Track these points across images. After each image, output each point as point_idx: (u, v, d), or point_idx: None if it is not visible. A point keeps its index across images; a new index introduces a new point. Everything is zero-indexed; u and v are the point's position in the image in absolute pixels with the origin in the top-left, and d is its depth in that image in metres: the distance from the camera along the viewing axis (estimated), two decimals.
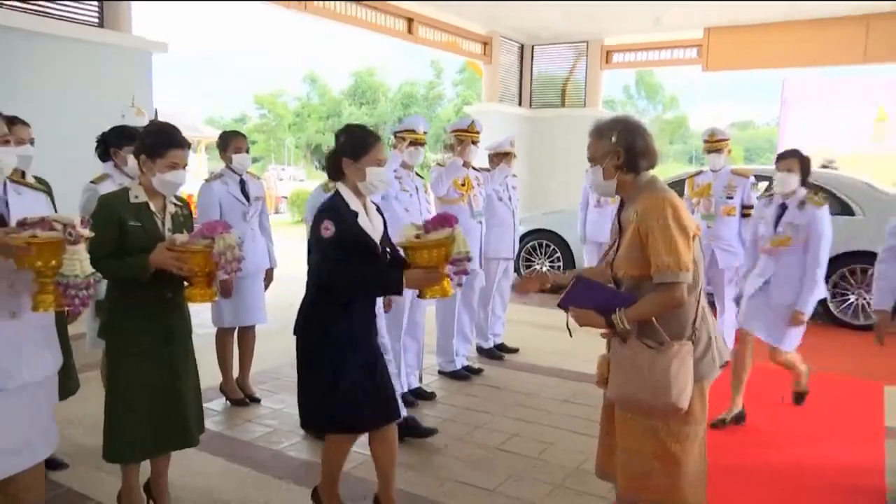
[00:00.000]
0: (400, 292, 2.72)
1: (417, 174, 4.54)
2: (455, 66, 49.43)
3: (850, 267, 6.70)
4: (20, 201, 2.30)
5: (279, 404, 4.44)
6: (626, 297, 2.32)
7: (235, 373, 4.51)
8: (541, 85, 13.54)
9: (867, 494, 3.36)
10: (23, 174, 3.34)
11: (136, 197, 2.71)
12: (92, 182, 3.62)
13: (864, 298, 6.64)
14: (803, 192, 4.08)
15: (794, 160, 4.08)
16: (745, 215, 5.24)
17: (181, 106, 39.42)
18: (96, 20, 6.74)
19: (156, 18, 38.98)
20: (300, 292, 2.84)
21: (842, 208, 6.86)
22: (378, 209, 2.91)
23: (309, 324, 2.76)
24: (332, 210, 2.67)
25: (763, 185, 7.86)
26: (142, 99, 6.73)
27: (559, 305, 2.42)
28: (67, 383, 3.20)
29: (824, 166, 9.11)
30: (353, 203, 2.70)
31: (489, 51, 12.36)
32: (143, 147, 2.72)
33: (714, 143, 5.33)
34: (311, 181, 28.38)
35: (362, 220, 2.72)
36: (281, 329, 3.86)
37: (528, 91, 13.47)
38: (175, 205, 2.85)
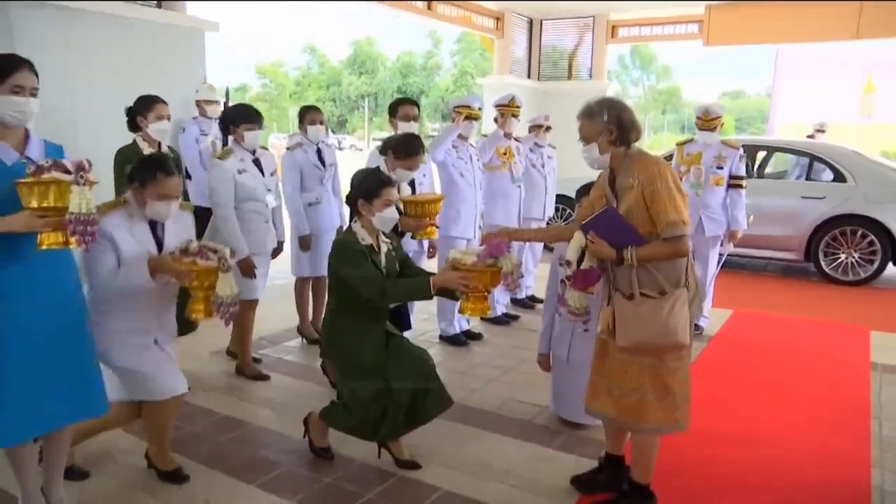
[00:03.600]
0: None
1: (471, 145, 5.19)
2: (452, 37, 49.65)
3: (841, 229, 7.40)
4: (173, 223, 2.93)
5: None
6: (641, 238, 2.60)
7: (311, 316, 5.20)
8: (548, 58, 14.10)
9: (855, 408, 4.11)
10: (159, 145, 3.99)
11: (363, 240, 3.07)
12: (218, 158, 4.13)
13: (853, 257, 7.39)
14: None
15: None
16: (732, 185, 5.39)
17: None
18: (154, 1, 7.27)
19: None
20: None
21: (834, 175, 7.56)
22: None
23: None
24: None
25: (760, 155, 8.57)
26: (196, 76, 7.34)
27: (581, 227, 2.74)
28: None
29: (818, 130, 9.74)
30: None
31: (501, 26, 12.92)
32: (360, 191, 3.09)
33: (708, 122, 5.40)
34: None
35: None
36: None
37: (536, 64, 14.04)
38: (385, 242, 3.19)
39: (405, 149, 4.10)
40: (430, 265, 4.50)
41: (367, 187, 3.07)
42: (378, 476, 3.14)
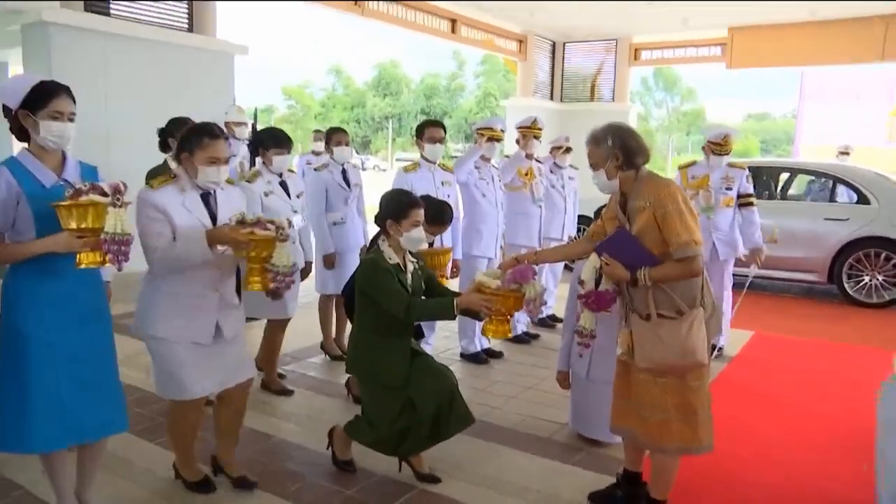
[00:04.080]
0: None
1: (493, 166, 5.28)
2: (476, 58, 50.05)
3: (865, 251, 7.36)
4: (225, 196, 2.94)
5: None
6: (655, 259, 2.63)
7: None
8: (571, 80, 14.23)
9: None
10: None
11: (390, 259, 3.12)
12: (246, 180, 4.22)
13: (877, 279, 7.35)
14: None
15: None
16: (743, 205, 5.29)
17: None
18: (186, 26, 7.51)
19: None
20: None
21: (858, 197, 7.54)
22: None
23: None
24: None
25: (783, 176, 8.57)
26: (226, 98, 7.54)
27: (595, 250, 2.80)
28: None
29: (843, 153, 9.74)
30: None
31: (524, 48, 13.09)
32: (389, 211, 3.13)
33: (724, 147, 5.21)
34: None
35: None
36: None
37: (559, 86, 14.18)
38: (412, 261, 3.24)
39: (433, 216, 3.79)
40: (452, 284, 4.58)
41: (396, 208, 3.13)
42: (399, 489, 3.20)
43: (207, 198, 2.87)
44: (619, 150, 2.69)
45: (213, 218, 2.86)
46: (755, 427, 4.09)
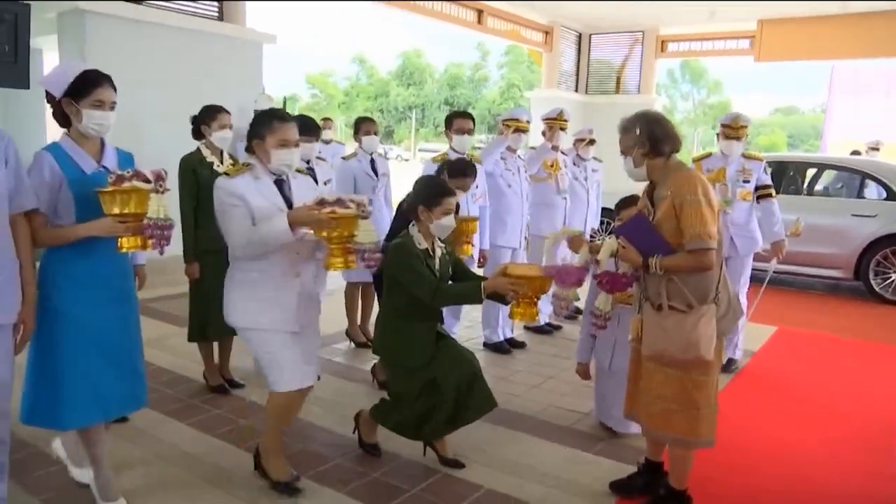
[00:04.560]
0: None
1: (519, 156, 5.32)
2: (500, 49, 49.89)
3: (893, 247, 7.31)
4: (297, 184, 2.97)
5: None
6: (669, 248, 2.65)
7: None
8: (597, 72, 14.16)
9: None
10: (221, 153, 4.20)
11: (420, 244, 3.17)
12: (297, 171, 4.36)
13: None
14: None
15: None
16: (761, 196, 4.99)
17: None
18: (216, 14, 7.60)
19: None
20: None
21: (887, 193, 7.46)
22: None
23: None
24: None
25: (810, 172, 8.50)
26: (255, 86, 7.64)
27: (614, 232, 2.84)
28: None
29: (872, 148, 9.64)
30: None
31: (550, 39, 13.06)
32: (421, 198, 3.17)
33: (736, 130, 4.87)
34: None
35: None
36: None
37: (584, 78, 14.12)
38: (440, 247, 3.28)
39: (455, 169, 4.14)
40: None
41: (430, 194, 3.18)
42: (423, 472, 3.27)
43: (281, 184, 2.89)
44: (647, 138, 2.72)
45: (289, 203, 2.87)
46: (776, 420, 4.11)
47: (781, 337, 5.98)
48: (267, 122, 2.82)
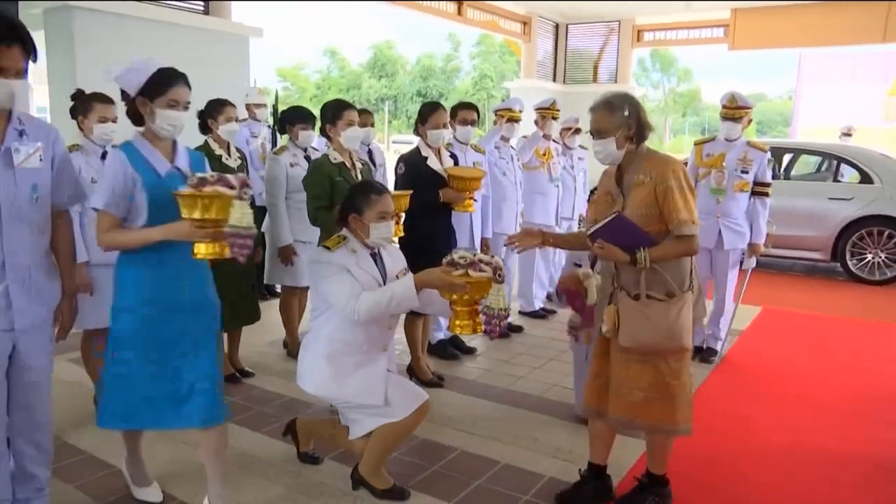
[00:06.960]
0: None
1: (512, 147, 5.44)
2: (472, 40, 49.95)
3: (868, 229, 7.59)
4: (387, 253, 2.95)
5: None
6: (652, 239, 2.57)
7: None
8: (574, 62, 14.33)
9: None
10: (227, 146, 4.26)
11: (335, 158, 3.58)
12: (275, 153, 4.60)
13: (880, 257, 7.56)
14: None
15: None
16: (757, 193, 4.78)
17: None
18: (202, 8, 7.60)
19: None
20: None
21: (862, 177, 7.72)
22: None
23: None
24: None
25: (786, 157, 8.73)
26: (242, 80, 7.65)
27: (589, 236, 2.65)
28: None
29: (845, 134, 9.91)
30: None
31: (528, 30, 13.18)
32: (326, 118, 3.67)
33: (733, 111, 4.71)
34: None
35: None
36: None
37: (562, 67, 14.29)
38: (359, 160, 3.68)
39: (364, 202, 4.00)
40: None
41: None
42: (441, 451, 3.40)
43: (374, 257, 2.89)
44: (635, 121, 2.62)
45: (384, 276, 2.87)
46: (768, 393, 4.30)
47: (767, 316, 6.20)
48: (364, 196, 2.80)
